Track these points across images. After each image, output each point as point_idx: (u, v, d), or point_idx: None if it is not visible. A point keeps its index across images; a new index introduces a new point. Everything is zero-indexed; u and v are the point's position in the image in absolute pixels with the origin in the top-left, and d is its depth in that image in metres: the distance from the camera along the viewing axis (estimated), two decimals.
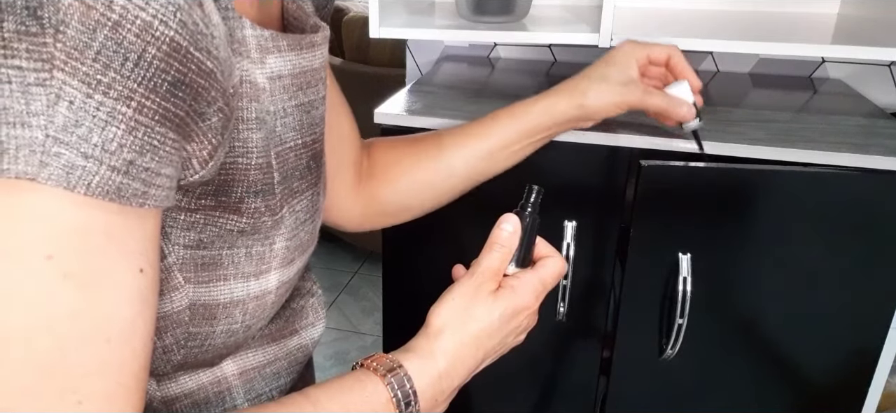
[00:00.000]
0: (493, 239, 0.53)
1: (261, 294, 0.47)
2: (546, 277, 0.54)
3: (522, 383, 0.98)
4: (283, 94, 0.45)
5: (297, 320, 0.57)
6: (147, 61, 0.31)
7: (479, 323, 0.50)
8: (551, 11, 1.09)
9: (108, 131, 0.31)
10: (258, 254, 0.45)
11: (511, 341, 0.55)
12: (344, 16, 2.34)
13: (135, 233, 0.34)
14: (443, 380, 0.49)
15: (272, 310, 0.50)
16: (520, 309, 0.52)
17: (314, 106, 0.49)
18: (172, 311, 0.43)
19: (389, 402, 0.46)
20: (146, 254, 0.36)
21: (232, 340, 0.48)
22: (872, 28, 0.91)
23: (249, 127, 0.42)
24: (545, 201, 0.55)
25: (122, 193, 0.32)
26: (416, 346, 0.50)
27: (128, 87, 0.31)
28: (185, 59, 0.33)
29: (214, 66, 0.35)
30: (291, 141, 0.47)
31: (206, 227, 0.42)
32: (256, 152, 0.43)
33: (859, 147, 0.77)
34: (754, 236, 0.81)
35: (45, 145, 0.30)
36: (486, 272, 0.52)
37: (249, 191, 0.43)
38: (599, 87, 0.70)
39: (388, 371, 0.46)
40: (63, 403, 0.32)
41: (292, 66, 0.45)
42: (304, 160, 0.49)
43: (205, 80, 0.34)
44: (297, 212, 0.48)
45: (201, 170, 0.38)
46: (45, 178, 0.30)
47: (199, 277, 0.43)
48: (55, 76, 0.30)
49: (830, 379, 0.87)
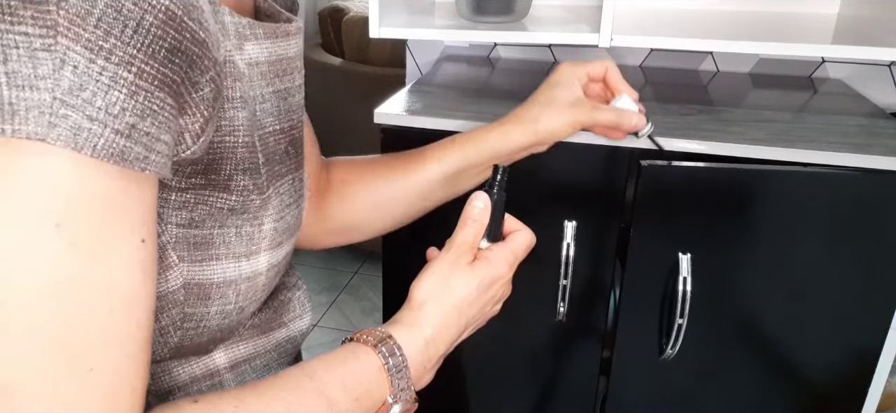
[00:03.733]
0: (466, 215, 0.56)
1: (252, 275, 0.48)
2: (517, 249, 0.58)
3: (522, 383, 0.98)
4: (260, 80, 0.47)
5: (284, 313, 0.59)
6: (145, 28, 0.33)
7: (459, 293, 0.54)
8: (551, 11, 1.09)
9: (110, 95, 0.32)
10: (248, 234, 0.47)
11: (489, 310, 0.58)
12: (344, 16, 2.34)
13: (136, 202, 0.35)
14: (429, 347, 0.52)
15: (263, 293, 0.52)
16: (495, 278, 0.56)
17: (290, 93, 0.51)
18: (168, 290, 0.44)
19: (381, 370, 0.48)
20: (146, 224, 0.37)
21: (226, 322, 0.49)
22: (872, 28, 0.91)
23: (235, 106, 0.43)
24: (545, 201, 0.57)
25: (125, 156, 0.33)
26: (402, 318, 0.52)
27: (128, 53, 0.32)
28: (180, 27, 0.34)
29: (206, 36, 0.37)
30: (270, 126, 0.48)
31: (197, 206, 0.43)
32: (242, 131, 0.44)
33: (859, 147, 0.77)
34: (754, 236, 0.82)
35: (53, 107, 0.31)
36: (462, 245, 0.55)
37: (238, 169, 0.45)
38: (549, 111, 0.71)
39: (379, 341, 0.49)
40: (74, 372, 0.33)
41: (269, 53, 0.47)
42: (282, 145, 0.50)
43: (198, 48, 0.36)
44: (282, 194, 0.50)
45: (193, 145, 0.39)
46: (54, 139, 0.31)
47: (193, 256, 0.44)
48: (59, 42, 0.31)
49: (830, 379, 0.87)
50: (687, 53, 1.15)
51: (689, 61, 1.16)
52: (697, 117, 0.88)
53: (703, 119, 0.87)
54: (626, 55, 1.17)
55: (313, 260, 2.54)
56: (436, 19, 1.02)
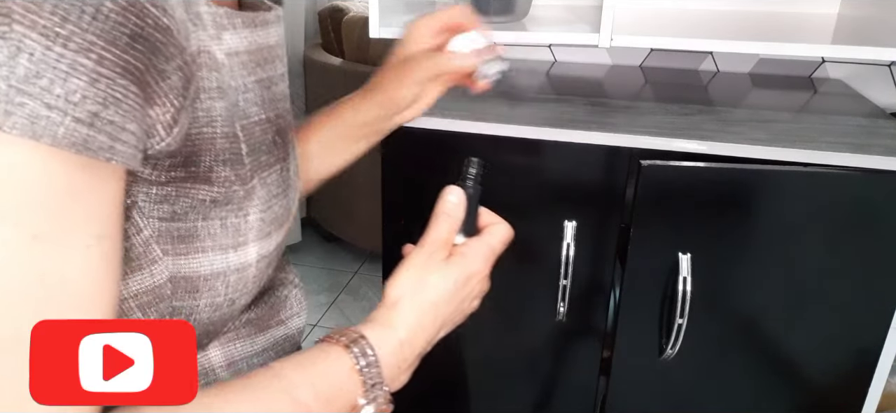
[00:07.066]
0: (440, 210, 0.54)
1: (241, 267, 0.48)
2: (494, 243, 0.56)
3: (522, 383, 0.98)
4: (241, 69, 0.46)
5: (282, 310, 0.58)
6: (104, 15, 0.32)
7: (434, 290, 0.52)
8: (551, 11, 1.09)
9: (70, 83, 0.32)
10: (233, 225, 0.46)
11: (466, 307, 0.56)
12: (344, 16, 2.34)
13: (99, 194, 0.35)
14: (404, 348, 0.50)
15: (254, 285, 0.51)
16: (472, 274, 0.54)
17: (274, 82, 0.51)
18: (154, 285, 0.44)
19: (353, 371, 0.47)
20: (112, 218, 0.36)
21: (217, 315, 0.49)
22: (872, 28, 0.91)
23: (211, 96, 0.43)
24: (545, 201, 0.56)
25: (88, 145, 0.33)
26: (376, 317, 0.51)
27: (87, 40, 0.32)
28: (142, 13, 0.34)
29: (170, 23, 0.36)
30: (255, 115, 0.48)
31: (178, 199, 0.43)
32: (220, 121, 0.44)
33: (859, 147, 0.77)
34: (754, 236, 0.81)
35: (9, 95, 0.30)
36: (437, 241, 0.53)
37: (218, 160, 0.44)
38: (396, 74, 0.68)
39: (351, 342, 0.48)
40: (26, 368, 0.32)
41: (248, 42, 0.47)
42: (269, 135, 0.50)
43: (162, 35, 0.35)
44: (268, 185, 0.50)
45: (166, 136, 0.38)
46: (10, 127, 0.30)
47: (177, 250, 0.44)
48: (14, 29, 0.30)
49: (830, 379, 0.87)
50: (687, 53, 1.15)
51: (689, 61, 1.16)
52: (697, 117, 0.88)
53: (703, 119, 0.87)
54: (626, 55, 1.17)
55: (313, 260, 2.54)
56: None
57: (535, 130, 0.82)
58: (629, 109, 0.91)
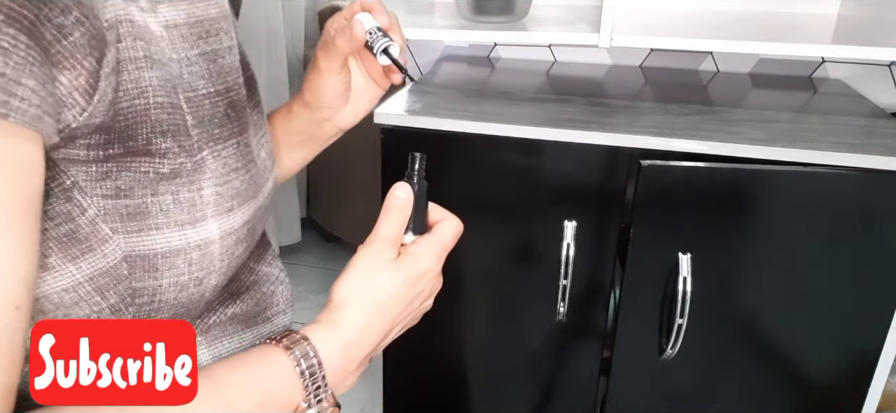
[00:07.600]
0: (387, 206, 0.53)
1: (202, 243, 0.47)
2: (445, 239, 0.54)
3: (522, 383, 0.98)
4: (183, 42, 0.46)
5: (269, 307, 0.58)
6: None
7: (383, 292, 0.51)
8: (551, 11, 1.09)
9: None
10: (187, 200, 0.45)
11: (417, 306, 0.55)
12: None
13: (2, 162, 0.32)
14: (350, 349, 0.49)
15: (223, 263, 0.50)
16: (422, 273, 0.53)
17: (220, 55, 0.49)
18: (108, 266, 0.43)
19: (293, 373, 0.46)
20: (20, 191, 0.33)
21: (185, 296, 0.48)
22: (872, 28, 0.91)
23: (139, 66, 0.42)
24: (545, 201, 0.55)
25: None
26: (322, 318, 0.50)
27: None
28: None
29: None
30: (202, 89, 0.47)
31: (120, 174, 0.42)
32: (152, 91, 0.42)
33: (859, 147, 0.77)
34: (754, 236, 0.81)
35: None
36: (386, 239, 0.52)
37: (155, 131, 0.43)
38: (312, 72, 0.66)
39: (293, 343, 0.47)
40: None
41: (187, 15, 0.46)
42: (220, 108, 0.49)
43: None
44: (224, 158, 0.48)
45: (87, 105, 0.37)
46: None
47: (129, 227, 0.43)
48: None
49: (830, 379, 0.87)
50: (687, 53, 1.15)
51: (689, 61, 1.16)
52: (697, 117, 0.88)
53: (703, 119, 0.87)
54: (626, 55, 1.17)
55: (313, 260, 2.54)
56: (436, 19, 1.02)
57: (535, 130, 0.82)
58: (629, 109, 0.91)
